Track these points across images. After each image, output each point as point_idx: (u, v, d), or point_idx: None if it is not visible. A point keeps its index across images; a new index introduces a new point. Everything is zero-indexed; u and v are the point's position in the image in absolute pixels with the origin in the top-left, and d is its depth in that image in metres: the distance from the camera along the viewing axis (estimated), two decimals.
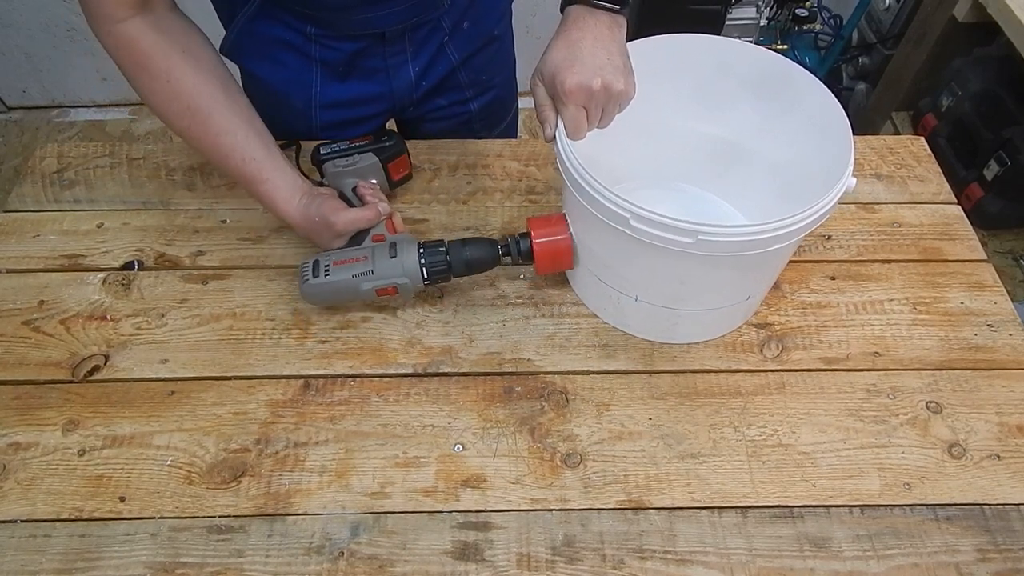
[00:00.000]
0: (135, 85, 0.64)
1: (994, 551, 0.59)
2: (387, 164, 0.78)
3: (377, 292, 0.68)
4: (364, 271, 0.67)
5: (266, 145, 0.68)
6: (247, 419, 0.66)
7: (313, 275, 0.68)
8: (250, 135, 0.67)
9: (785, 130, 0.70)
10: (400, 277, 0.67)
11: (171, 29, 0.64)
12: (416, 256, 0.68)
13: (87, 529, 0.60)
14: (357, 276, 0.67)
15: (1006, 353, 0.71)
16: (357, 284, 0.67)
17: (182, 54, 0.64)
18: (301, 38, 0.79)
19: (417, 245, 0.68)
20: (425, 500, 0.61)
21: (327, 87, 0.84)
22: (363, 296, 0.68)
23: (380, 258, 0.68)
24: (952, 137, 1.68)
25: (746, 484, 0.62)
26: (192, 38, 0.65)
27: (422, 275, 0.68)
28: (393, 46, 0.81)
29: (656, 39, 0.69)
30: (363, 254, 0.68)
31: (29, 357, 0.70)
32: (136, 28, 0.62)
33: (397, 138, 0.79)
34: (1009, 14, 1.39)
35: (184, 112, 0.65)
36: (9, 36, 1.98)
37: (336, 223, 0.68)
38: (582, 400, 0.67)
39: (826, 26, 2.06)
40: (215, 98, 0.65)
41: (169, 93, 0.64)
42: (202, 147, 0.67)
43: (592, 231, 0.65)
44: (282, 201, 0.68)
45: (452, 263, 0.68)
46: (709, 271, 0.61)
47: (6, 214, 0.83)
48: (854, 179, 0.59)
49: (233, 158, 0.67)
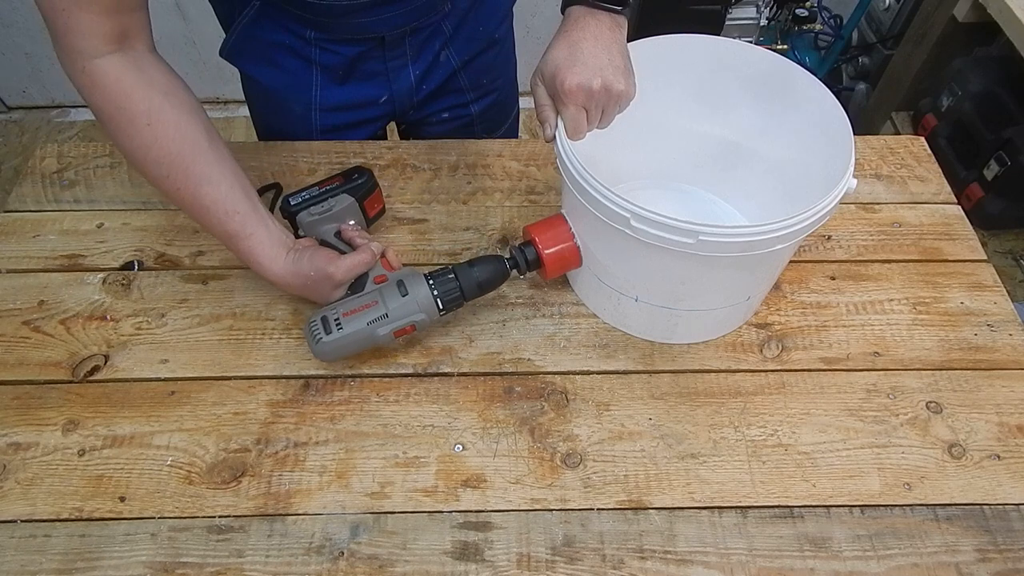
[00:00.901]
0: (110, 128, 0.59)
1: (994, 551, 0.59)
2: (363, 202, 0.74)
3: (395, 334, 0.65)
4: (378, 316, 0.64)
5: (249, 198, 0.63)
6: (247, 419, 0.66)
7: (325, 332, 0.64)
8: (235, 186, 0.62)
9: (785, 131, 0.70)
10: (416, 314, 0.65)
11: (152, 70, 0.59)
12: (427, 289, 0.65)
13: (87, 529, 0.60)
14: (372, 323, 0.64)
15: (1006, 353, 0.71)
16: (373, 331, 0.64)
17: (164, 96, 0.59)
18: (301, 42, 0.78)
19: (425, 277, 0.66)
20: (425, 500, 0.61)
21: (327, 91, 0.84)
22: (381, 341, 0.65)
23: (391, 299, 0.65)
24: (952, 137, 1.68)
25: (746, 484, 0.62)
26: (173, 81, 0.61)
27: (437, 306, 0.66)
28: (393, 50, 0.81)
29: (656, 39, 0.69)
30: (372, 299, 0.65)
31: (29, 357, 0.70)
32: (115, 65, 0.57)
33: (368, 173, 0.75)
34: (1009, 14, 1.39)
35: (164, 159, 0.59)
36: (9, 36, 1.98)
37: (335, 274, 0.64)
38: (582, 400, 0.68)
39: (826, 26, 2.06)
40: (198, 145, 0.60)
41: (149, 138, 0.58)
42: (181, 198, 0.62)
43: (592, 231, 0.65)
44: (267, 258, 0.64)
45: (464, 288, 0.67)
46: (709, 271, 0.61)
47: (6, 214, 0.83)
48: (855, 180, 0.59)
49: (215, 211, 0.62)
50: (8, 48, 2.02)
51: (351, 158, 0.88)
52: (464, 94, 0.92)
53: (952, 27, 1.62)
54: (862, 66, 2.04)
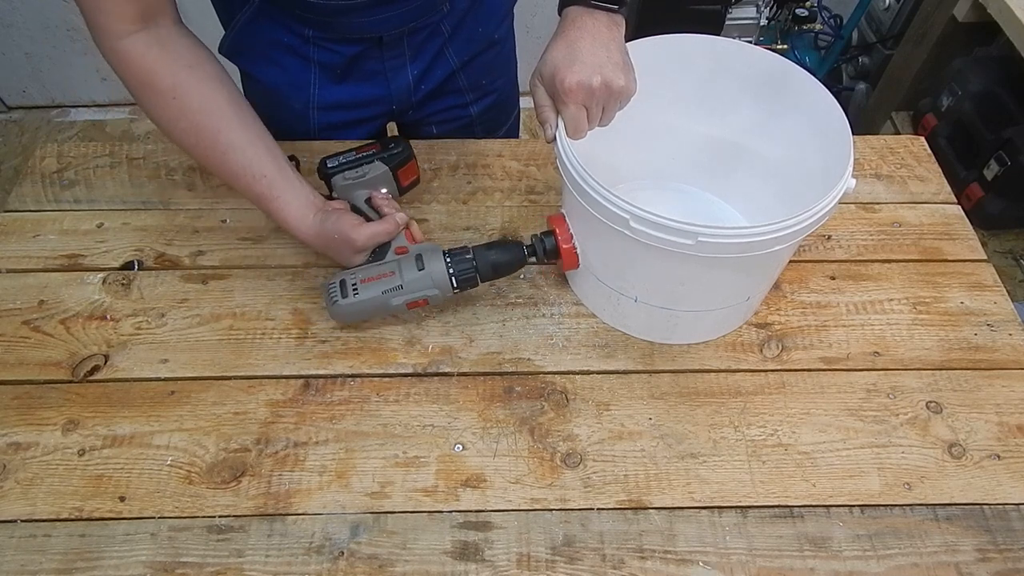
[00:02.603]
0: (141, 103, 0.63)
1: (994, 551, 0.59)
2: (397, 171, 0.76)
3: (408, 306, 0.68)
4: (393, 286, 0.67)
5: (276, 160, 0.67)
6: (247, 419, 0.66)
7: (342, 295, 0.67)
8: (260, 151, 0.66)
9: (785, 131, 0.70)
10: (430, 289, 0.67)
11: (176, 45, 0.63)
12: (444, 266, 0.67)
13: (87, 529, 0.60)
14: (387, 292, 0.67)
15: (1006, 353, 0.71)
16: (387, 300, 0.67)
17: (188, 70, 0.62)
18: (299, 40, 0.78)
19: (443, 254, 0.68)
20: (425, 500, 0.61)
21: (325, 89, 0.84)
22: (394, 311, 0.68)
23: (408, 271, 0.67)
24: (952, 137, 1.68)
25: (746, 484, 0.62)
26: (198, 53, 0.64)
27: (451, 284, 0.67)
28: (391, 50, 0.81)
29: (656, 39, 0.69)
30: (390, 269, 0.68)
31: (29, 357, 0.70)
32: (140, 44, 0.60)
33: (404, 144, 0.77)
34: (1009, 14, 1.39)
35: (191, 130, 0.64)
36: (9, 36, 1.98)
37: (357, 239, 0.67)
38: (582, 400, 0.68)
39: (826, 26, 2.06)
40: (223, 114, 0.64)
41: (176, 111, 0.63)
42: (210, 165, 0.66)
43: (592, 232, 0.65)
44: (294, 219, 0.67)
45: (480, 269, 0.68)
46: (709, 272, 0.61)
47: (6, 214, 0.83)
48: (854, 180, 0.59)
49: (243, 176, 0.66)
50: (8, 48, 2.02)
51: None
52: (463, 95, 0.92)
53: (952, 27, 1.62)
54: (862, 66, 2.04)
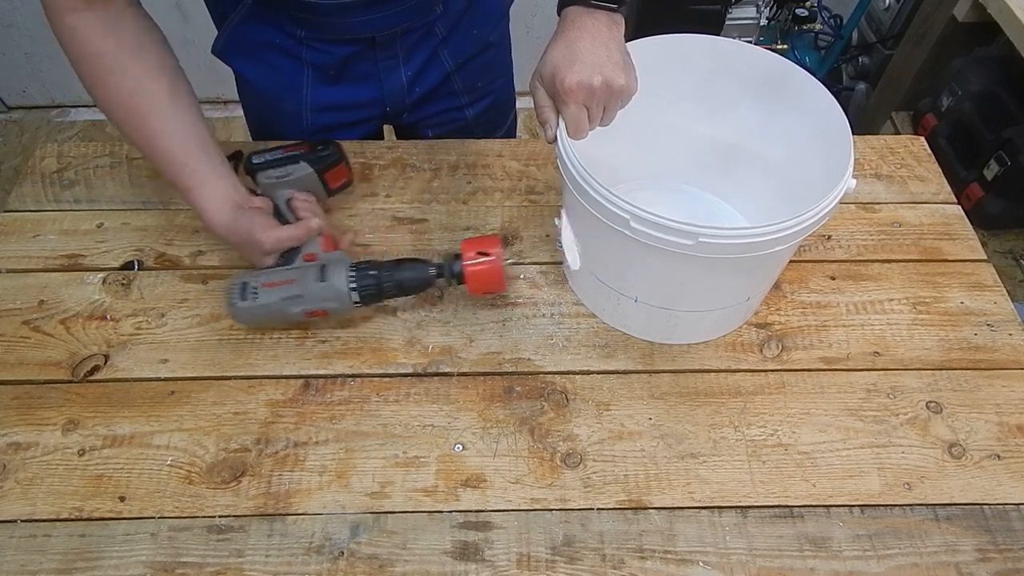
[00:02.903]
0: (80, 77, 0.63)
1: (994, 551, 0.59)
2: (323, 174, 0.75)
3: (306, 315, 0.67)
4: (293, 295, 0.66)
5: (204, 151, 0.66)
6: (247, 419, 0.66)
7: (241, 298, 0.66)
8: (187, 140, 0.66)
9: (785, 131, 0.70)
10: (329, 301, 0.66)
11: (124, 26, 0.63)
12: (345, 280, 0.66)
13: (87, 529, 0.60)
14: (286, 300, 0.66)
15: (1006, 353, 0.71)
16: (286, 308, 0.66)
17: (131, 52, 0.63)
18: (291, 41, 0.78)
19: (347, 268, 0.67)
20: (425, 500, 0.61)
21: (318, 91, 0.83)
22: (292, 318, 0.67)
23: (309, 281, 0.66)
24: (952, 137, 1.68)
25: (746, 484, 0.62)
26: (146, 36, 0.64)
27: (351, 299, 0.66)
28: (384, 51, 0.81)
29: (657, 39, 0.69)
30: (293, 276, 0.67)
31: (29, 357, 0.70)
32: (88, 21, 0.61)
33: (334, 146, 0.75)
34: (1009, 14, 1.39)
35: (122, 110, 0.64)
36: (9, 36, 1.98)
37: (264, 242, 0.66)
38: (582, 400, 0.67)
39: (826, 26, 2.06)
40: (157, 100, 0.64)
41: (112, 89, 0.63)
42: (139, 147, 0.66)
43: (592, 232, 0.65)
44: (210, 211, 0.67)
45: (383, 286, 0.67)
46: (709, 273, 0.61)
47: (6, 214, 0.83)
48: (854, 180, 0.59)
49: (166, 162, 0.66)
50: (8, 48, 2.02)
51: (352, 158, 0.87)
52: (459, 97, 0.92)
53: (952, 27, 1.61)
54: (862, 66, 2.04)
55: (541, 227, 0.81)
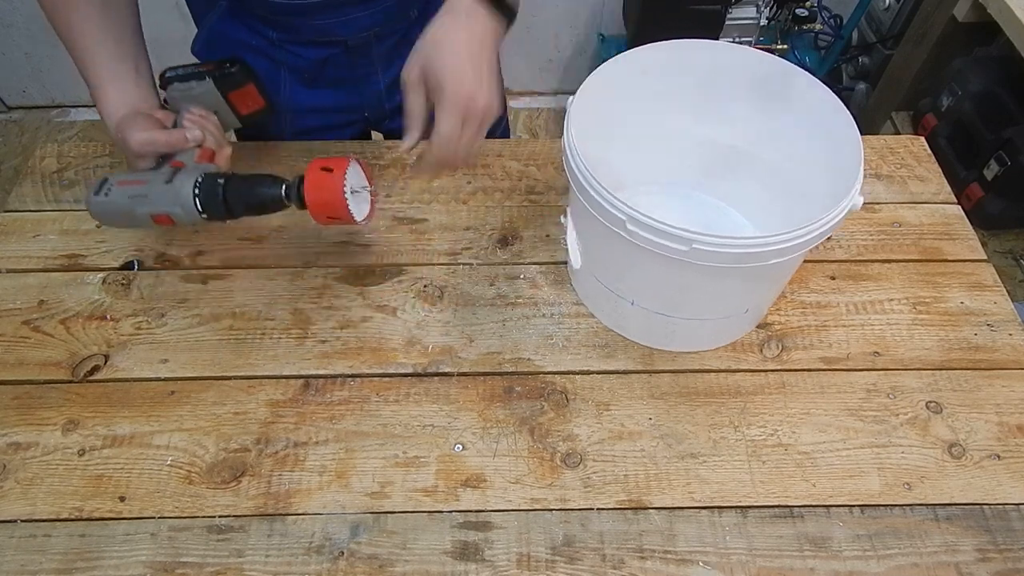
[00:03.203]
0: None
1: (994, 551, 0.59)
2: (228, 95, 0.70)
3: (154, 219, 0.64)
4: (140, 194, 0.63)
5: (120, 55, 0.66)
6: (247, 419, 0.66)
7: (95, 193, 0.64)
8: (106, 40, 0.65)
9: (796, 142, 0.69)
10: (173, 206, 0.63)
11: None
12: (191, 185, 0.63)
13: (87, 529, 0.60)
14: (133, 198, 0.63)
15: (1006, 353, 0.71)
16: (132, 207, 0.63)
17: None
18: (266, 42, 0.78)
19: (199, 175, 0.64)
20: (425, 500, 0.61)
21: (296, 93, 0.83)
22: (141, 221, 0.64)
23: (157, 183, 0.63)
24: (952, 137, 1.68)
25: (746, 484, 0.62)
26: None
27: (196, 207, 0.63)
28: (360, 56, 0.80)
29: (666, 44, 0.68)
30: (146, 178, 0.64)
31: (29, 357, 0.70)
32: None
33: (242, 65, 0.71)
34: (1009, 14, 1.39)
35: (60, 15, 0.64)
36: (9, 36, 1.98)
37: (129, 140, 0.64)
38: (582, 400, 0.68)
39: (826, 26, 2.06)
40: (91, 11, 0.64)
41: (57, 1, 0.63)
42: (60, 37, 0.65)
43: (592, 232, 0.65)
44: (107, 114, 0.66)
45: (229, 200, 0.64)
46: (705, 280, 0.61)
47: (6, 214, 0.83)
48: (861, 198, 0.58)
49: (80, 58, 0.65)
50: (8, 48, 2.02)
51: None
52: None
53: (952, 27, 1.62)
54: (862, 66, 2.04)
55: (541, 227, 0.81)
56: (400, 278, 0.77)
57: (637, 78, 0.69)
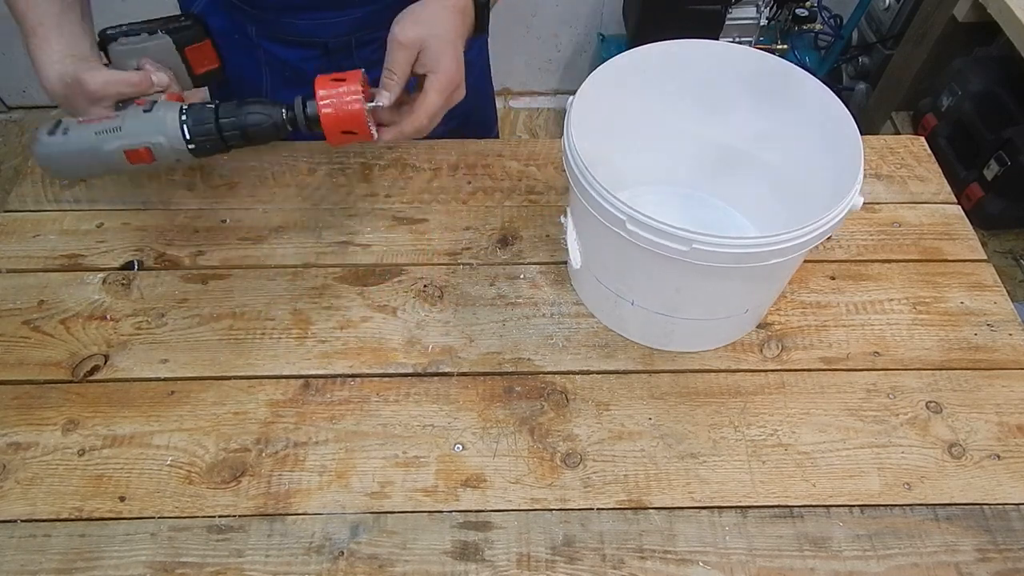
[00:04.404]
0: None
1: (994, 551, 0.59)
2: (183, 49, 0.65)
3: (127, 155, 0.57)
4: (110, 128, 0.56)
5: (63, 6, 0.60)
6: (247, 419, 0.66)
7: (49, 134, 0.57)
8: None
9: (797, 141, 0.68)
10: (155, 135, 0.56)
11: None
12: (177, 112, 0.57)
13: (87, 529, 0.60)
14: (101, 134, 0.56)
15: (1006, 353, 0.71)
16: (100, 144, 0.56)
17: None
18: (246, 39, 0.78)
19: (183, 105, 0.58)
20: (425, 500, 0.61)
21: (277, 91, 0.83)
22: (109, 161, 0.57)
23: (133, 115, 0.57)
24: (952, 137, 1.68)
25: (746, 484, 0.62)
26: None
27: (183, 135, 0.57)
28: (340, 60, 0.80)
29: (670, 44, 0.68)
30: (116, 113, 0.58)
31: (29, 357, 0.70)
32: None
33: (196, 19, 0.66)
34: (1009, 14, 1.39)
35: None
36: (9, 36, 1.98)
37: (88, 82, 0.57)
38: (582, 400, 0.68)
39: (826, 26, 2.06)
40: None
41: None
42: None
43: (592, 232, 0.65)
44: (45, 63, 0.59)
45: (222, 126, 0.58)
46: (704, 281, 0.61)
47: (6, 214, 0.83)
48: (861, 198, 0.58)
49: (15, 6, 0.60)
50: (8, 48, 2.02)
51: (352, 158, 0.88)
52: None
53: (952, 27, 1.62)
54: (862, 66, 2.04)
55: (541, 227, 0.81)
56: (400, 278, 0.77)
57: (637, 78, 0.69)
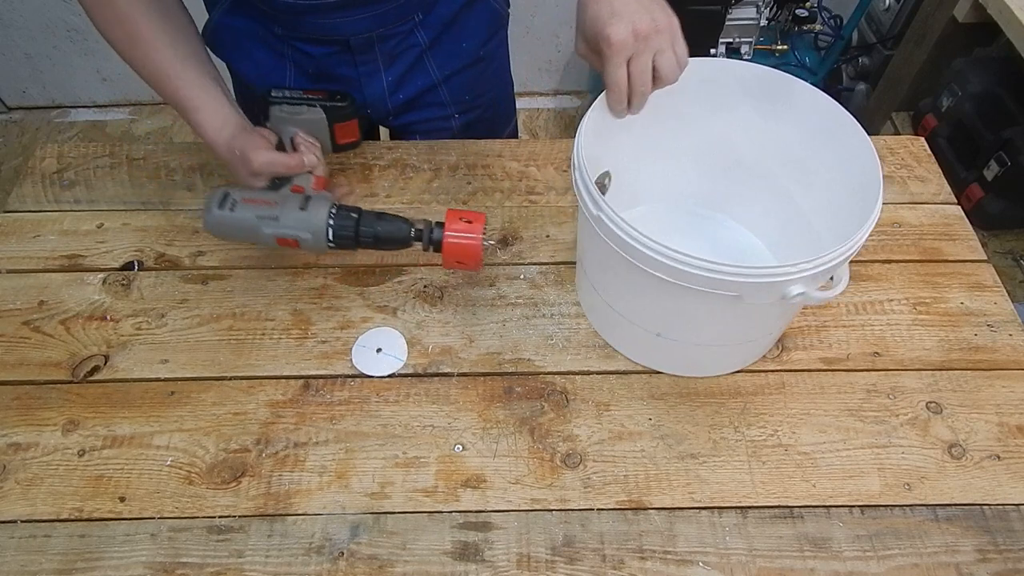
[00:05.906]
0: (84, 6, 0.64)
1: (994, 551, 0.59)
2: (333, 124, 0.76)
3: (278, 240, 0.66)
4: (270, 215, 0.66)
5: (204, 76, 0.68)
6: (247, 419, 0.66)
7: (219, 207, 0.66)
8: (188, 65, 0.66)
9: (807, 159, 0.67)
10: (304, 231, 0.66)
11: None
12: (326, 215, 0.66)
13: (87, 529, 0.60)
14: (261, 218, 0.66)
15: (1006, 353, 0.71)
16: (259, 226, 0.66)
17: None
18: (272, 37, 0.78)
19: (331, 205, 0.67)
20: (425, 500, 0.61)
21: (300, 85, 0.83)
22: (263, 240, 0.67)
23: (289, 207, 0.66)
24: (952, 137, 1.68)
25: (746, 484, 0.62)
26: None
27: (327, 235, 0.66)
28: (363, 55, 0.80)
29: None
30: (274, 199, 0.67)
31: (29, 357, 0.70)
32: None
33: (351, 100, 0.76)
34: (1009, 14, 1.39)
35: (125, 38, 0.65)
36: (9, 36, 1.98)
37: (253, 160, 0.66)
38: (582, 400, 0.68)
39: (826, 26, 2.06)
40: (159, 28, 0.65)
41: (112, 19, 0.64)
42: (141, 74, 0.67)
43: (592, 242, 0.64)
44: (212, 131, 0.67)
45: (360, 233, 0.67)
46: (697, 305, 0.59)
47: (6, 214, 0.83)
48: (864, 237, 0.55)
49: (169, 86, 0.66)
50: (8, 48, 2.02)
51: (352, 158, 0.88)
52: (445, 107, 0.91)
53: (952, 27, 1.61)
54: (862, 66, 2.04)
55: (541, 227, 0.81)
56: (400, 278, 0.77)
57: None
